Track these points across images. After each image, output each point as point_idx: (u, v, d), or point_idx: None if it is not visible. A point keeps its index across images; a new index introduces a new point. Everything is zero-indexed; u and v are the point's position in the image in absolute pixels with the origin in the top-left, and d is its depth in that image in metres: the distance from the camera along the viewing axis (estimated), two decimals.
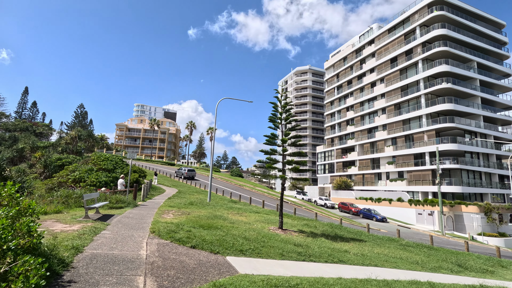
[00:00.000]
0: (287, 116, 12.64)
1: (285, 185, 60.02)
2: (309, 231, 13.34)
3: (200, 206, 16.97)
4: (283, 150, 12.16)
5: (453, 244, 24.44)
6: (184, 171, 42.66)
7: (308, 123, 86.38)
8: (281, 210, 12.32)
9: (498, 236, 33.99)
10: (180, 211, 14.03)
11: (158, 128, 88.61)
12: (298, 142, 12.46)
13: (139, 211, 12.18)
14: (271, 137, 12.55)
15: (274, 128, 13.21)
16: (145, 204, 15.89)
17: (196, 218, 11.62)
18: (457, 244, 24.85)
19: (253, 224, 12.62)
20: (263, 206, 22.09)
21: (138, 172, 29.16)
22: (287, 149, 12.45)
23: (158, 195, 23.08)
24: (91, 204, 9.89)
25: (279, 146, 12.71)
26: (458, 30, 43.85)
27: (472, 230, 35.75)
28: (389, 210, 43.20)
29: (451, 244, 24.49)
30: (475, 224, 35.65)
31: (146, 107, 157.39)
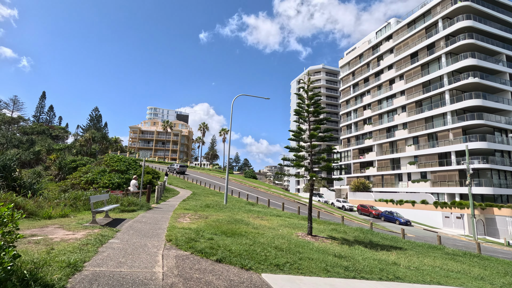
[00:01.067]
0: (315, 109, 11.28)
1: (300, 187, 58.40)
2: (340, 237, 11.89)
3: (217, 209, 15.78)
4: (312, 146, 10.80)
5: (492, 251, 22.30)
6: (176, 167, 47.99)
7: None
8: (310, 214, 10.94)
9: None
10: (196, 214, 12.87)
11: (171, 130, 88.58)
12: (328, 138, 11.07)
13: (153, 215, 11.07)
14: (297, 132, 11.22)
15: (301, 122, 11.89)
16: (159, 206, 14.82)
17: (215, 222, 10.40)
18: (497, 251, 22.67)
19: (278, 230, 11.30)
20: (283, 209, 20.72)
21: (152, 173, 28.35)
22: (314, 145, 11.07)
23: (172, 197, 22.09)
24: (100, 207, 8.82)
25: (305, 142, 11.35)
26: (485, 21, 41.26)
27: (506, 235, 33.10)
28: (412, 212, 40.90)
29: (489, 251, 22.35)
30: (510, 228, 33.00)
31: (159, 110, 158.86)
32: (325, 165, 10.46)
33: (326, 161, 10.49)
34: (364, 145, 57.06)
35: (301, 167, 10.63)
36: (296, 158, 11.10)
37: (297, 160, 10.72)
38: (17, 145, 56.78)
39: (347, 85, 65.16)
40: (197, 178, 43.98)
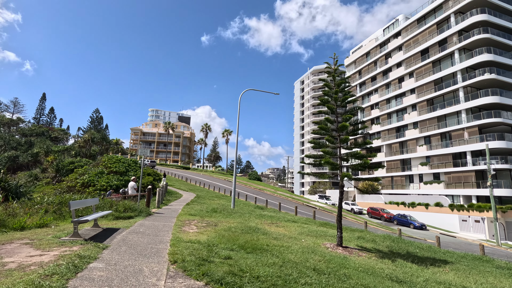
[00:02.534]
0: (344, 97, 9.60)
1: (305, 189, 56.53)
2: (373, 248, 10.13)
3: (226, 214, 14.04)
4: (341, 140, 9.09)
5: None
6: (147, 162, 52.99)
7: None
8: (340, 222, 9.22)
9: None
10: (204, 221, 11.14)
11: (173, 132, 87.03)
12: (361, 131, 9.37)
13: (153, 222, 9.35)
14: (324, 124, 9.52)
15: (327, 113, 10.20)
16: (161, 212, 13.10)
17: (228, 232, 8.68)
18: None
19: (300, 239, 9.56)
20: (296, 213, 18.94)
21: (153, 175, 26.66)
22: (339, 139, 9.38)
23: (174, 200, 20.37)
24: (86, 216, 7.09)
25: (334, 137, 9.63)
26: (500, 15, 39.52)
27: None
28: (425, 216, 38.95)
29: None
30: None
31: (161, 112, 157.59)
32: (362, 163, 8.72)
33: (360, 157, 8.75)
34: (372, 145, 55.01)
35: (329, 165, 8.89)
36: (324, 154, 9.37)
37: (325, 157, 8.98)
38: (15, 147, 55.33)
39: (353, 84, 63.34)
40: (200, 180, 42.28)
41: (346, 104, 9.85)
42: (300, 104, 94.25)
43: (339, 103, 9.76)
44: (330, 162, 8.63)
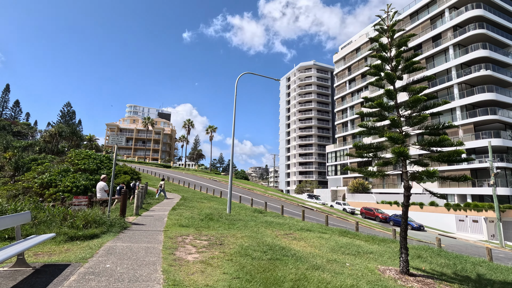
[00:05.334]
0: (409, 62, 6.97)
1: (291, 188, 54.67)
2: (434, 270, 7.52)
3: (226, 222, 10.98)
4: (414, 121, 6.46)
5: None
6: None
7: (314, 121, 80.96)
8: (405, 239, 6.51)
9: None
10: (202, 235, 8.06)
11: (152, 128, 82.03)
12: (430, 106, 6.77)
13: (130, 245, 6.15)
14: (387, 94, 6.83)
15: (381, 85, 7.49)
16: (140, 222, 9.83)
17: (245, 258, 5.71)
18: None
19: (340, 261, 6.80)
20: (303, 218, 16.18)
21: (131, 173, 22.97)
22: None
23: (156, 203, 16.99)
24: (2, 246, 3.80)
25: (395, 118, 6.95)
26: (494, 11, 38.95)
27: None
28: (420, 215, 37.71)
29: None
30: None
31: (139, 108, 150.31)
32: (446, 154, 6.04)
33: (440, 143, 6.10)
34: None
35: (396, 157, 6.16)
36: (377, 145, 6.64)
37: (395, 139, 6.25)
38: None
39: (342, 81, 61.90)
40: (183, 179, 38.66)
41: (410, 66, 7.20)
42: (286, 101, 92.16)
43: (400, 73, 7.09)
44: (402, 153, 5.85)
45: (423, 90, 6.63)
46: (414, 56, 7.10)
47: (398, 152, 5.82)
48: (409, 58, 7.08)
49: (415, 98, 6.32)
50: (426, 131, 6.72)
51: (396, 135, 6.17)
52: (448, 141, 6.02)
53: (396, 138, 6.12)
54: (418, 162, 6.89)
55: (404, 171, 6.75)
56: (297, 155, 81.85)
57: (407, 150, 5.80)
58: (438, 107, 7.16)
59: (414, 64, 7.00)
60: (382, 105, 6.75)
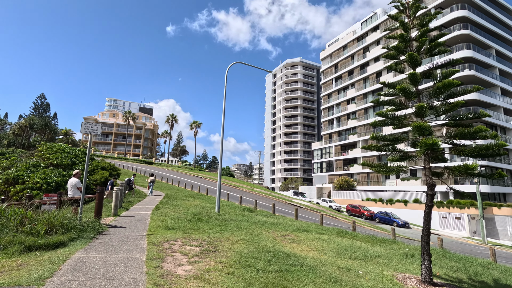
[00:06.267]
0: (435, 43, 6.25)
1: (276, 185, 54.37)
2: (458, 279, 6.86)
3: (216, 223, 9.94)
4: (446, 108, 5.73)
5: None
6: None
7: (299, 119, 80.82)
8: (428, 243, 5.77)
9: None
10: (191, 240, 6.99)
11: (134, 123, 78.89)
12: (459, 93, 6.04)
13: (105, 254, 5.00)
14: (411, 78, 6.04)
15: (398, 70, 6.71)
16: (119, 224, 8.60)
17: (248, 270, 4.75)
18: None
19: (351, 268, 5.99)
20: (296, 217, 15.38)
21: (109, 169, 21.31)
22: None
23: (138, 202, 15.63)
24: None
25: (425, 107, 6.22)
26: (478, 13, 39.79)
27: (506, 235, 31.37)
28: (404, 212, 38.10)
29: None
30: (509, 228, 31.28)
31: (119, 102, 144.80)
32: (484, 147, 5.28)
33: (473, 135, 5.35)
34: (348, 141, 53.98)
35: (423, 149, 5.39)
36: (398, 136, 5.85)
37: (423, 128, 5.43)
38: None
39: (329, 78, 61.83)
40: (166, 176, 37.02)
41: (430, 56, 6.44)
42: (271, 98, 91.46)
43: (424, 54, 6.32)
44: (434, 145, 5.04)
45: (454, 73, 5.86)
46: (440, 36, 6.32)
47: (429, 144, 4.99)
48: (434, 39, 6.28)
49: (447, 82, 5.53)
50: (454, 121, 5.94)
51: (425, 125, 5.34)
52: (484, 132, 5.27)
53: (425, 128, 5.29)
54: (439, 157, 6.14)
55: (427, 167, 5.99)
56: (282, 152, 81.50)
57: (439, 142, 4.98)
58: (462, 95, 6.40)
59: (440, 46, 6.21)
60: (406, 91, 5.92)
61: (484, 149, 5.20)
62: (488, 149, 5.15)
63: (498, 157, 5.30)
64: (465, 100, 24.60)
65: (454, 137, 5.61)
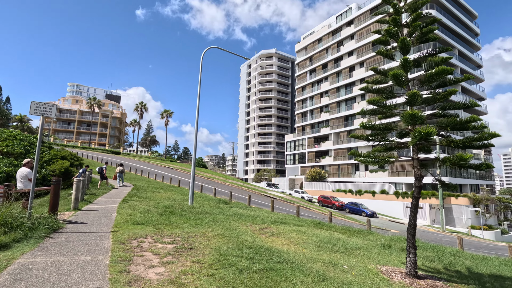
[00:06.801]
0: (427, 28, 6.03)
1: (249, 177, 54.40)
2: (443, 269, 6.90)
3: (190, 217, 9.31)
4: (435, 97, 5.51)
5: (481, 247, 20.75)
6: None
7: (273, 110, 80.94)
8: (413, 236, 5.63)
9: (488, 229, 32.54)
10: (164, 235, 6.33)
11: (99, 110, 74.12)
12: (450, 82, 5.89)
13: (58, 258, 4.22)
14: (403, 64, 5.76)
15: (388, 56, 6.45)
16: (79, 220, 7.67)
17: (229, 270, 4.22)
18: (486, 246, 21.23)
19: (334, 263, 5.75)
20: (272, 209, 15.12)
21: (70, 158, 19.51)
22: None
23: (103, 194, 14.42)
24: None
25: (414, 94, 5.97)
26: (444, 13, 41.81)
27: (461, 223, 33.95)
28: (372, 203, 39.79)
29: (476, 246, 20.74)
30: (464, 217, 33.87)
31: (83, 88, 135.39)
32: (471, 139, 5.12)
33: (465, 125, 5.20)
34: (320, 133, 55.02)
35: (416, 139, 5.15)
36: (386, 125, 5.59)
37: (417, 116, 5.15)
38: None
39: (303, 71, 62.19)
40: (135, 167, 35.20)
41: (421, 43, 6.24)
42: (246, 89, 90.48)
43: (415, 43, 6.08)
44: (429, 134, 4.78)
45: (447, 60, 5.66)
46: (432, 22, 6.10)
47: (425, 133, 4.74)
48: (426, 25, 6.05)
49: (440, 69, 5.31)
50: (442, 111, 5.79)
51: (418, 113, 5.09)
52: (476, 121, 5.12)
53: (418, 116, 5.04)
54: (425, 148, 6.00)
55: (415, 158, 5.81)
56: (256, 143, 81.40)
57: (435, 130, 4.74)
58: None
59: (432, 32, 5.99)
60: (398, 77, 5.63)
61: (476, 139, 5.08)
62: (480, 139, 5.03)
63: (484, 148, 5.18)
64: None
65: (446, 127, 5.45)
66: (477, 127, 5.17)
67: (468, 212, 33.43)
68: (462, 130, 5.34)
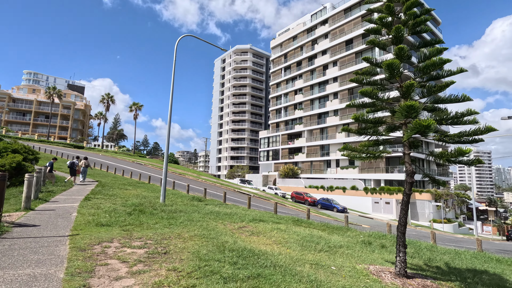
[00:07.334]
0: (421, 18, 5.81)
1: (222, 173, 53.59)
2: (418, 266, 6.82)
3: (164, 216, 8.53)
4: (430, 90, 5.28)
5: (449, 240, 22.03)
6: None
7: (247, 106, 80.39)
8: (403, 234, 5.40)
9: (447, 222, 34.84)
10: (133, 240, 5.57)
11: (60, 101, 68.66)
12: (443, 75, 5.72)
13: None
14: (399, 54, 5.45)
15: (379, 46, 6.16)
16: (30, 221, 6.62)
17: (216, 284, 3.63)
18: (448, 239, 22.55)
19: (321, 264, 5.41)
20: (249, 206, 14.65)
21: (24, 152, 17.50)
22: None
23: (62, 191, 13.00)
24: None
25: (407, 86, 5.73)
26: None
27: (424, 217, 36.02)
28: (343, 198, 40.91)
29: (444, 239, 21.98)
30: (427, 211, 35.97)
31: (42, 76, 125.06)
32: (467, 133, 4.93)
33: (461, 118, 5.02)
34: (294, 130, 55.52)
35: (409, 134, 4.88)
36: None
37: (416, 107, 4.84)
38: None
39: (278, 68, 62.25)
40: (100, 162, 32.90)
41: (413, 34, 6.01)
42: (220, 84, 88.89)
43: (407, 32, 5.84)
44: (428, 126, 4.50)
45: (443, 51, 5.47)
46: (426, 12, 5.89)
47: (424, 125, 4.46)
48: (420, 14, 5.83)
49: (438, 59, 5.08)
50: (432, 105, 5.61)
51: (416, 104, 4.81)
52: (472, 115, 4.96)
53: (416, 108, 4.75)
54: (414, 143, 5.82)
55: (406, 153, 5.59)
56: (229, 139, 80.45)
57: (434, 122, 4.48)
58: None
59: (423, 23, 5.78)
60: (393, 67, 5.34)
61: (472, 133, 4.93)
62: (476, 133, 4.88)
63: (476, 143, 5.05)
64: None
65: (440, 121, 5.25)
66: (470, 122, 5.03)
67: (431, 206, 35.56)
68: (457, 124, 5.19)
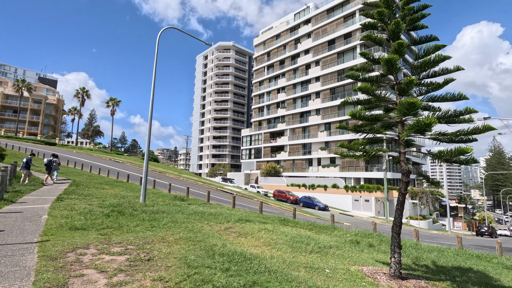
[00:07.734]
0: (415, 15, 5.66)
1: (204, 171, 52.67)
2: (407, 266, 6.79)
3: (146, 218, 8.00)
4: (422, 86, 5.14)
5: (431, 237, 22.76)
6: None
7: (230, 104, 79.66)
8: (398, 234, 5.29)
9: (422, 219, 36.23)
10: (112, 245, 5.07)
11: (30, 95, 64.61)
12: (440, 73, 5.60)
13: None
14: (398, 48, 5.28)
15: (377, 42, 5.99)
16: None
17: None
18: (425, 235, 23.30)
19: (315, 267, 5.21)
20: (234, 205, 14.28)
21: None
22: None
23: (32, 191, 12.01)
24: None
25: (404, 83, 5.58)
26: None
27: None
28: (324, 196, 41.44)
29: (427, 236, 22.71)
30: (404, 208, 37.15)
31: (9, 68, 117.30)
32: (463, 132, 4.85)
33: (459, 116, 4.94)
34: (277, 129, 55.60)
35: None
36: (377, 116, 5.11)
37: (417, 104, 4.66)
38: None
39: (261, 66, 62.04)
40: (74, 159, 31.19)
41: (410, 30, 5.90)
42: (202, 81, 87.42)
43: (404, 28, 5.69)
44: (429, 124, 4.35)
45: (441, 48, 5.37)
46: (424, 8, 5.77)
47: (426, 123, 4.31)
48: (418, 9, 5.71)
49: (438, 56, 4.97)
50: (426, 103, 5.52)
51: (418, 101, 4.66)
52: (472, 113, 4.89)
53: (418, 105, 4.60)
54: (408, 142, 5.73)
55: (402, 152, 5.46)
56: (211, 137, 79.40)
57: (435, 120, 4.34)
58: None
59: (419, 20, 5.67)
60: (392, 63, 5.17)
61: (471, 132, 4.87)
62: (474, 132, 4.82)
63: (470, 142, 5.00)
64: None
65: (438, 119, 5.16)
66: (466, 121, 4.97)
67: (407, 204, 36.79)
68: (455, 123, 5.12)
